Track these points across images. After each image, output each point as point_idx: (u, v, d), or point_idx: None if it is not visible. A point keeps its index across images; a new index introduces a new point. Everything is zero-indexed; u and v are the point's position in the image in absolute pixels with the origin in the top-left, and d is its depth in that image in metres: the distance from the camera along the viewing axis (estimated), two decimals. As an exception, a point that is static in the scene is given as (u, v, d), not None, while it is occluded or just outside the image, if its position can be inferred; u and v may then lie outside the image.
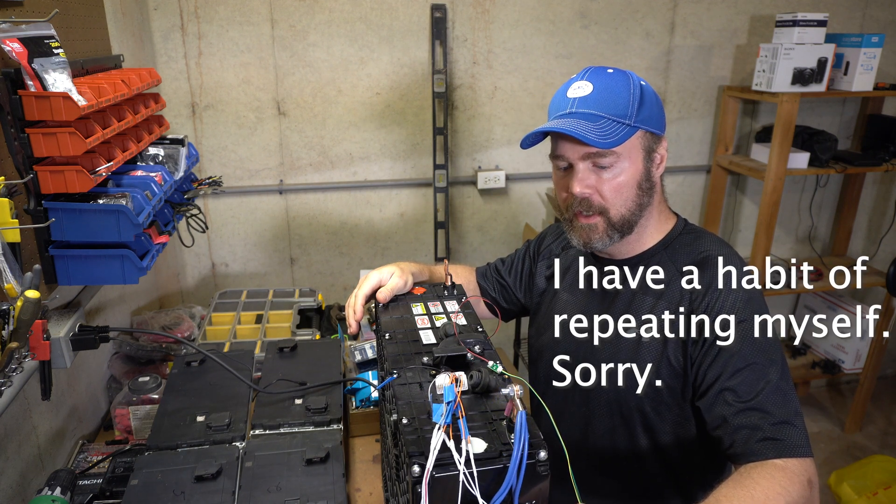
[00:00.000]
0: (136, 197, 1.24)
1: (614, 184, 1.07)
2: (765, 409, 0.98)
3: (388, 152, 2.63)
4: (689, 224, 1.21)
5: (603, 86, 1.07)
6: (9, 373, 0.96)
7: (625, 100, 1.06)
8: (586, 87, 1.08)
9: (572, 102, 1.07)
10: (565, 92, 1.10)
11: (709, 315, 1.05)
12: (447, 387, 0.73)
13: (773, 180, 2.61)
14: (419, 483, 0.68)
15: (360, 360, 1.76)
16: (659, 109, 1.11)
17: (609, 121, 1.04)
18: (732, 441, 0.98)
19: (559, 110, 1.09)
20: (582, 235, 1.12)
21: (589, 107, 1.06)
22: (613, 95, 1.06)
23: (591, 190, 1.08)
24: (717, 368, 1.03)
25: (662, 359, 1.09)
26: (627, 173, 1.08)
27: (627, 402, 1.14)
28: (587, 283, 1.21)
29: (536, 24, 2.57)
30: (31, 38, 1.08)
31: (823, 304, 3.19)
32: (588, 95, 1.07)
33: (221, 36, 2.36)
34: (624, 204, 1.09)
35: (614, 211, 1.09)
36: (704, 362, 1.05)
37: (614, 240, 1.11)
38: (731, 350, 1.03)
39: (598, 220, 1.10)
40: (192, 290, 2.65)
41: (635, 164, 1.08)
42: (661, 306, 1.10)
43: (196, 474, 1.15)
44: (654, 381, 1.08)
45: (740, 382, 1.01)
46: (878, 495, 2.56)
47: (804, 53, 2.48)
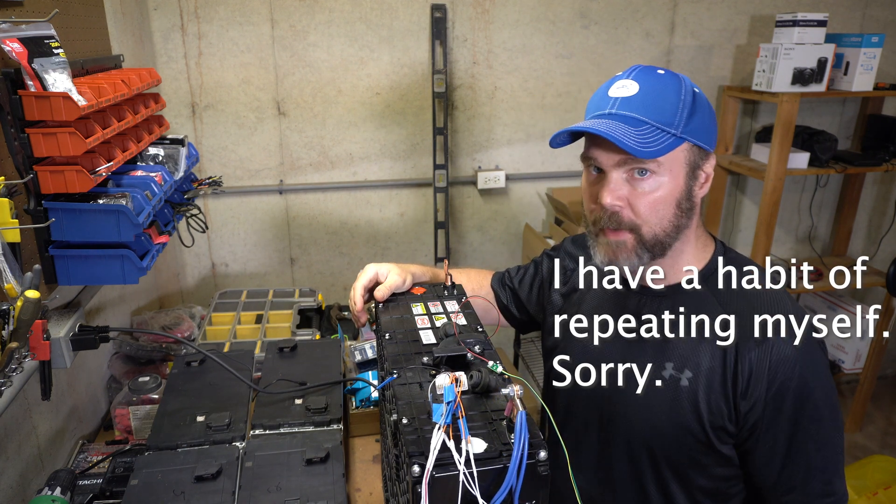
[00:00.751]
0: (136, 197, 1.24)
1: (651, 199, 0.95)
2: (813, 479, 0.98)
3: (388, 152, 2.63)
4: (728, 250, 1.09)
5: (650, 87, 0.95)
6: (9, 373, 0.96)
7: (673, 105, 0.94)
8: (631, 86, 0.95)
9: (613, 102, 0.95)
10: (607, 90, 0.98)
11: (761, 371, 0.95)
12: (447, 387, 0.73)
13: (773, 180, 2.61)
14: (419, 483, 0.68)
15: (360, 360, 1.76)
16: (711, 121, 0.98)
17: (652, 127, 0.92)
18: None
19: (598, 109, 0.97)
20: (608, 252, 0.99)
21: (632, 109, 0.94)
22: (661, 99, 0.94)
23: (623, 202, 0.96)
24: (770, 444, 0.98)
25: (704, 401, 0.99)
26: (666, 188, 0.95)
27: (661, 444, 1.04)
28: (611, 306, 1.09)
29: (536, 24, 2.57)
30: (31, 38, 1.08)
31: (823, 304, 3.19)
32: (632, 96, 0.94)
33: (221, 36, 2.36)
34: (659, 223, 0.96)
35: (647, 228, 0.96)
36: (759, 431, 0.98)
37: (644, 260, 0.99)
38: (783, 426, 0.96)
39: (627, 237, 0.97)
40: (192, 290, 2.65)
41: (676, 180, 0.96)
42: (702, 345, 0.99)
43: (196, 474, 1.15)
44: (698, 423, 0.99)
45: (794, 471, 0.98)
46: (878, 495, 2.56)
47: (804, 53, 2.48)
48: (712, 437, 0.99)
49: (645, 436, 1.04)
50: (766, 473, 1.00)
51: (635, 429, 1.05)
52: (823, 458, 0.97)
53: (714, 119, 1.00)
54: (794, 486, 0.98)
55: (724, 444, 1.01)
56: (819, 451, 0.97)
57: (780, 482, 0.99)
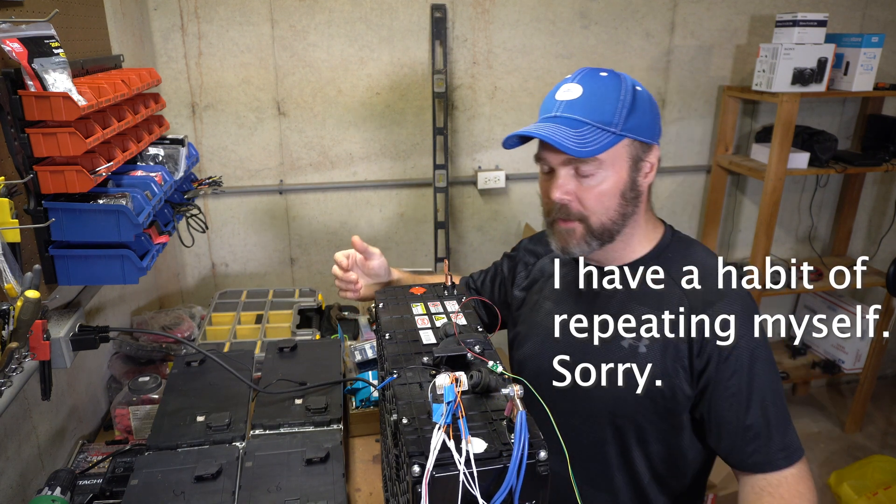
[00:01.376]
0: (136, 197, 1.24)
1: (595, 192, 1.05)
2: (770, 432, 1.04)
3: (389, 152, 2.63)
4: (676, 232, 1.19)
5: (592, 90, 1.04)
6: (9, 373, 0.96)
7: (613, 106, 1.03)
8: (575, 90, 1.05)
9: (558, 105, 1.05)
10: (555, 93, 1.07)
11: (711, 332, 1.03)
12: (447, 387, 0.73)
13: (773, 180, 2.61)
14: (419, 483, 0.68)
15: (360, 360, 1.76)
16: (652, 117, 1.08)
17: (592, 128, 1.02)
18: (743, 464, 1.06)
19: (546, 112, 1.07)
20: (561, 240, 1.10)
21: (574, 111, 1.03)
22: (601, 101, 1.03)
23: (571, 196, 1.06)
24: (722, 402, 1.05)
25: (659, 365, 1.06)
26: (610, 182, 1.05)
27: (621, 410, 1.11)
28: (574, 286, 1.17)
29: (536, 24, 2.57)
30: (31, 38, 1.08)
31: (823, 304, 3.20)
32: (575, 100, 1.04)
33: (221, 36, 2.36)
34: (605, 213, 1.06)
35: (594, 219, 1.06)
36: (709, 390, 1.05)
37: (593, 247, 1.09)
38: (737, 382, 1.04)
39: (576, 226, 1.07)
40: (192, 290, 2.65)
41: (619, 174, 1.06)
42: (657, 313, 1.07)
43: (196, 474, 1.15)
44: (650, 386, 1.06)
45: (747, 417, 1.05)
46: (878, 495, 2.56)
47: (804, 53, 2.48)
48: (671, 401, 1.06)
49: (607, 404, 1.11)
50: (727, 432, 1.06)
51: (597, 397, 1.10)
52: (777, 413, 1.05)
53: (656, 113, 1.09)
54: (754, 442, 1.04)
55: (682, 408, 1.08)
56: (773, 405, 1.05)
57: (742, 440, 1.05)
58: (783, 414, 1.06)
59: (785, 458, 1.04)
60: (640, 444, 1.12)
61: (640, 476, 1.14)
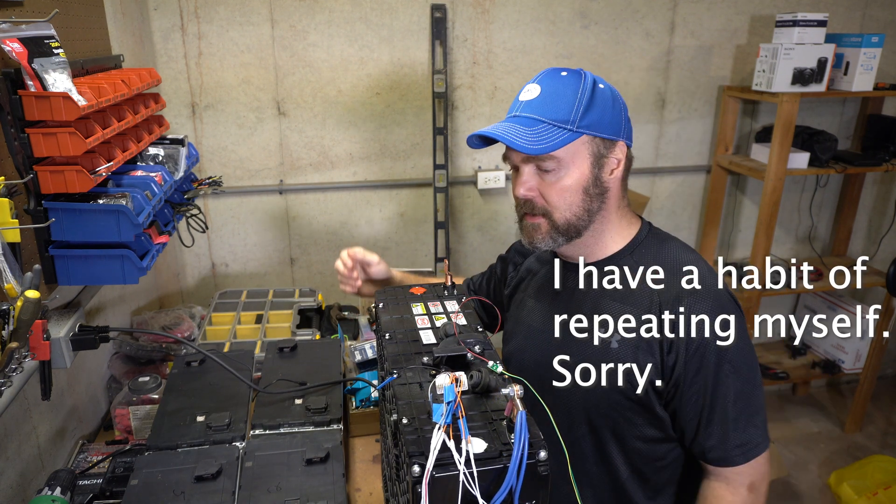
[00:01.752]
0: (136, 197, 1.24)
1: (557, 188, 1.07)
2: (727, 431, 1.07)
3: (388, 152, 2.63)
4: (653, 228, 1.19)
5: (549, 90, 1.07)
6: (9, 373, 0.96)
7: (568, 105, 1.05)
8: (535, 90, 1.08)
9: (519, 106, 1.08)
10: (519, 94, 1.11)
11: (684, 329, 1.04)
12: (447, 387, 0.73)
13: (773, 180, 2.61)
14: (419, 483, 0.68)
15: (360, 360, 1.76)
16: (613, 113, 1.08)
17: (547, 126, 1.04)
18: (704, 457, 1.10)
19: (509, 113, 1.10)
20: (528, 235, 1.13)
21: (532, 111, 1.06)
22: (557, 100, 1.05)
23: (534, 193, 1.09)
24: (687, 398, 1.07)
25: (630, 361, 1.07)
26: (572, 178, 1.07)
27: (595, 406, 1.12)
28: (551, 284, 1.20)
29: (536, 24, 2.57)
30: (31, 38, 1.08)
31: (823, 304, 3.20)
32: (533, 99, 1.07)
33: (221, 36, 2.36)
34: (568, 208, 1.08)
35: (558, 214, 1.08)
36: (678, 386, 1.07)
37: (559, 242, 1.11)
38: (702, 378, 1.06)
39: (541, 221, 1.10)
40: (192, 290, 2.65)
41: (580, 169, 1.07)
42: (629, 310, 1.08)
43: (196, 474, 1.15)
44: (622, 383, 1.08)
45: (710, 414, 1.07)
46: (878, 495, 2.56)
47: (804, 53, 2.48)
48: (643, 395, 1.08)
49: (583, 400, 1.13)
50: (692, 427, 1.08)
51: (573, 393, 1.11)
52: (738, 410, 1.06)
53: (618, 109, 1.09)
54: (719, 437, 1.07)
55: (654, 403, 1.09)
56: (735, 403, 1.06)
57: (704, 435, 1.08)
58: (747, 412, 1.08)
59: (741, 455, 1.07)
60: (616, 439, 1.14)
61: (618, 471, 1.16)
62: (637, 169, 2.43)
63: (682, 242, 1.16)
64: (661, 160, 2.89)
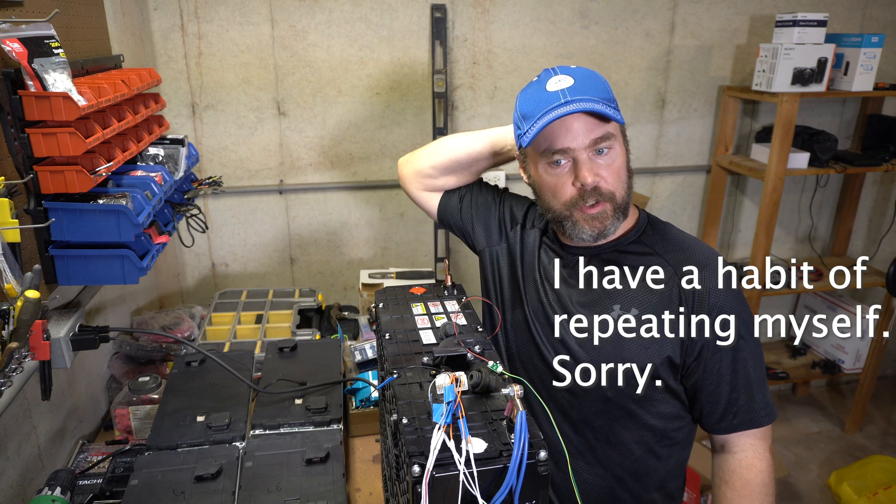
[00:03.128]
0: (136, 197, 1.24)
1: (614, 168, 1.08)
2: (753, 393, 1.11)
3: (388, 152, 2.63)
4: (650, 214, 1.22)
5: (582, 76, 1.07)
6: (9, 373, 0.96)
7: (605, 86, 1.07)
8: (566, 79, 1.06)
9: (562, 94, 1.04)
10: (543, 90, 1.07)
11: (702, 297, 1.07)
12: (447, 387, 0.73)
13: (773, 180, 2.61)
14: (419, 483, 0.68)
15: (360, 360, 1.76)
16: None
17: (604, 104, 1.04)
18: (727, 426, 1.13)
19: (547, 105, 1.05)
20: (594, 225, 1.09)
21: (582, 94, 1.04)
22: (596, 82, 1.07)
23: (601, 177, 1.07)
24: (712, 369, 1.09)
25: (646, 337, 1.09)
26: (621, 157, 1.09)
27: (612, 384, 1.11)
28: (564, 267, 1.18)
29: (536, 24, 2.57)
30: (31, 38, 1.08)
31: (823, 304, 3.20)
32: (574, 86, 1.05)
33: (221, 36, 2.36)
34: (623, 187, 1.09)
35: (619, 194, 1.08)
36: (701, 357, 1.09)
37: (618, 225, 1.11)
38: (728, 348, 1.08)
39: (607, 207, 1.08)
40: (192, 290, 2.65)
41: (622, 148, 1.09)
42: (645, 287, 1.09)
43: (196, 474, 1.15)
44: (640, 360, 1.09)
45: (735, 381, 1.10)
46: (878, 495, 2.56)
47: (804, 53, 2.48)
48: (660, 369, 1.09)
49: (598, 380, 1.11)
50: (717, 399, 1.11)
51: (591, 375, 1.11)
52: (759, 375, 1.11)
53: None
54: (741, 404, 1.11)
55: (670, 377, 1.11)
56: (755, 369, 1.10)
57: (730, 403, 1.11)
58: (763, 375, 1.13)
59: (767, 416, 1.12)
60: (629, 417, 1.15)
61: (632, 449, 1.16)
62: (637, 169, 2.43)
63: (675, 227, 1.20)
64: (661, 160, 2.89)
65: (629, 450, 1.17)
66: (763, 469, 1.13)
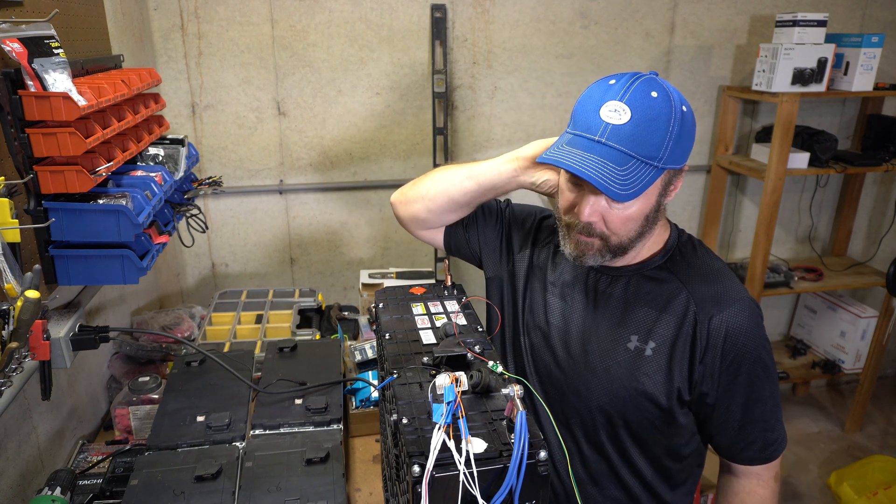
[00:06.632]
0: (136, 197, 1.24)
1: (622, 216, 1.01)
2: (772, 426, 1.11)
3: (388, 152, 2.63)
4: (681, 233, 1.16)
5: (642, 117, 0.93)
6: (9, 373, 0.96)
7: (660, 139, 0.94)
8: (624, 113, 0.94)
9: (604, 129, 0.94)
10: (598, 109, 0.96)
11: (718, 338, 1.03)
12: (447, 387, 0.73)
13: (773, 180, 2.61)
14: (419, 483, 0.68)
15: (360, 360, 1.76)
16: (691, 140, 1.00)
17: (637, 163, 0.94)
18: (738, 458, 1.14)
19: (587, 131, 0.96)
20: (577, 248, 1.06)
21: (621, 141, 0.93)
22: (650, 132, 0.93)
23: (598, 218, 1.02)
24: (725, 404, 1.08)
25: (661, 371, 1.06)
26: (638, 208, 1.01)
27: (625, 412, 1.11)
28: (582, 284, 1.16)
29: (536, 24, 2.57)
30: (31, 38, 1.08)
31: (823, 304, 3.19)
32: (623, 126, 0.93)
33: (221, 36, 2.36)
34: (626, 234, 1.03)
35: (615, 239, 1.04)
36: (715, 391, 1.07)
37: (606, 259, 1.07)
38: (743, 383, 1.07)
39: (595, 241, 1.04)
40: (192, 290, 2.65)
41: (649, 200, 1.01)
42: (664, 317, 1.06)
43: (196, 474, 1.15)
44: (653, 388, 1.07)
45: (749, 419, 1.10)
46: (878, 495, 2.56)
47: (804, 53, 2.48)
48: (673, 403, 1.08)
49: (604, 402, 1.11)
50: (724, 434, 1.11)
51: (595, 396, 1.12)
52: (773, 411, 1.10)
53: (694, 136, 1.01)
54: (753, 440, 1.10)
55: (680, 410, 1.10)
56: (768, 405, 1.09)
57: (739, 439, 1.10)
58: (777, 411, 1.12)
59: (774, 452, 1.12)
60: (638, 444, 1.13)
61: (642, 472, 1.15)
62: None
63: (708, 248, 1.15)
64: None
65: (640, 473, 1.16)
66: (765, 497, 1.13)
